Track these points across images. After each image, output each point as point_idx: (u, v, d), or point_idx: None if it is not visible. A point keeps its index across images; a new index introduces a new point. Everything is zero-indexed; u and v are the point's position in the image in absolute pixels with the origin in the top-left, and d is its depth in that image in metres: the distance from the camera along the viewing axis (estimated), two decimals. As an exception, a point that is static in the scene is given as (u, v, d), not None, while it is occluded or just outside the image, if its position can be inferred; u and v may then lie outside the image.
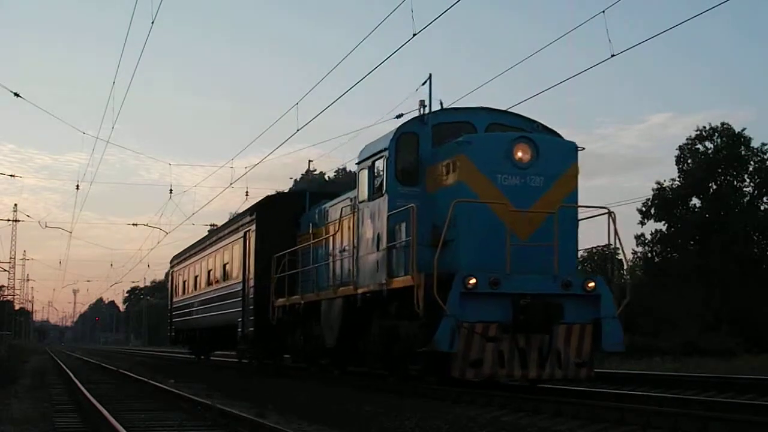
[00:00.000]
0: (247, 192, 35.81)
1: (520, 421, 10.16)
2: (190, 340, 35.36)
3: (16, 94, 27.75)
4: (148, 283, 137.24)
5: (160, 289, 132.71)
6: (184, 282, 35.04)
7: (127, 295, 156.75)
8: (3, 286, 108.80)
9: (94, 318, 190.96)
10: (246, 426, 10.28)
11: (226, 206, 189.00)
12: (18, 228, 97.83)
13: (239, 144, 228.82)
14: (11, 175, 53.12)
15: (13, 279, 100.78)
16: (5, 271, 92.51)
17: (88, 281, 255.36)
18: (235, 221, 26.67)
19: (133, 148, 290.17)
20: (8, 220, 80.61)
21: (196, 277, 32.13)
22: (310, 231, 19.63)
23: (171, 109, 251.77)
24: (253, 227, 23.07)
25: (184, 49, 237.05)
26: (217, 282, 27.88)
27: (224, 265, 26.85)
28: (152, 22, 21.00)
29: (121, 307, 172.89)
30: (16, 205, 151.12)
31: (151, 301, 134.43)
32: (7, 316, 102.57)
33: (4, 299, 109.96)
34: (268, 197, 25.07)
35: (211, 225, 45.78)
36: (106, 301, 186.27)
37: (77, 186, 42.27)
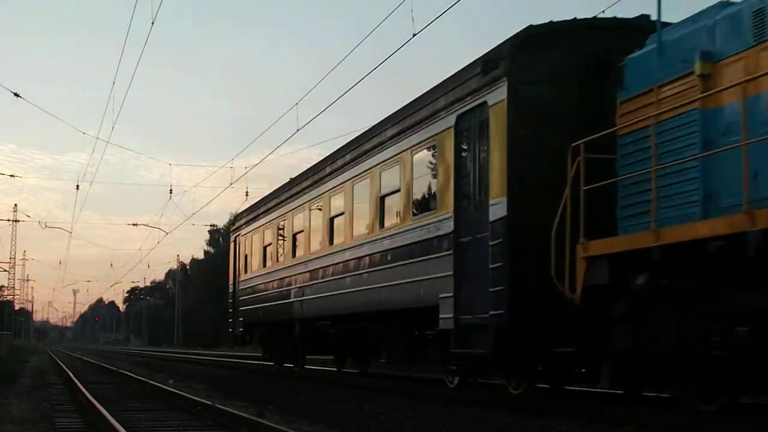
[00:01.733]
0: (247, 192, 35.54)
1: (519, 422, 10.17)
2: (276, 341, 23.06)
3: (16, 94, 27.73)
4: (148, 283, 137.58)
5: (160, 289, 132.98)
6: (265, 248, 22.92)
7: (127, 295, 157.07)
8: (3, 286, 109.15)
9: (94, 318, 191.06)
10: (246, 426, 10.29)
11: (226, 206, 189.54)
12: (18, 228, 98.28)
13: (239, 144, 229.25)
14: (11, 175, 53.47)
15: (13, 279, 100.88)
16: (5, 271, 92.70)
17: (88, 281, 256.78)
18: (428, 98, 13.54)
19: (133, 148, 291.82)
20: (8, 220, 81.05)
21: (295, 235, 20.20)
22: (677, 79, 8.97)
23: (171, 109, 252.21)
24: (501, 95, 11.19)
25: (185, 49, 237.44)
26: (372, 230, 15.52)
27: (382, 198, 15.16)
28: (152, 23, 20.92)
29: (121, 307, 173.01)
30: (16, 205, 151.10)
31: (151, 302, 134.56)
32: (7, 316, 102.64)
33: (4, 299, 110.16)
34: (534, 29, 11.60)
35: (211, 225, 45.66)
36: (106, 302, 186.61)
37: (77, 186, 42.40)
